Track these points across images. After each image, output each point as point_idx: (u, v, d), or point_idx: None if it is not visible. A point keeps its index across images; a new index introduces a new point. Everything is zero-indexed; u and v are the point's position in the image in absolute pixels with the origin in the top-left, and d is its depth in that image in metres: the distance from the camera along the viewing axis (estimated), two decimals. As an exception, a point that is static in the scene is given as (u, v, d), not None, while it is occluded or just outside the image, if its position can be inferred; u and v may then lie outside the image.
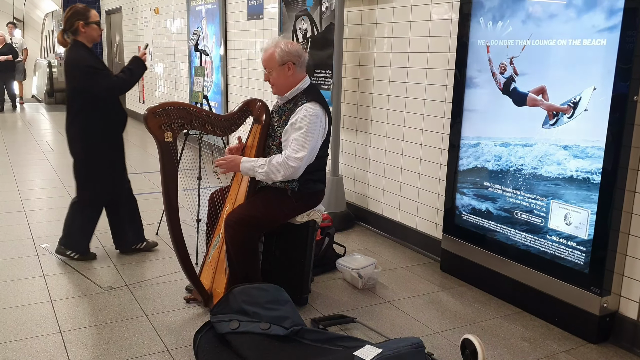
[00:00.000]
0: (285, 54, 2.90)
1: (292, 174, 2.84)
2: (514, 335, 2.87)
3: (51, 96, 13.69)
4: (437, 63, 3.73)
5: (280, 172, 2.81)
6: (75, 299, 3.16)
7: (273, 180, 2.88)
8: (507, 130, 3.13)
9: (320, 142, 2.91)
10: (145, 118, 2.71)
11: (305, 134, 2.82)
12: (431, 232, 3.93)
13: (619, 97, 2.56)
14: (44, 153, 7.38)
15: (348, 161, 4.74)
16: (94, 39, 3.50)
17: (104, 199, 3.70)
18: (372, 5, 4.29)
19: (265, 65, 2.95)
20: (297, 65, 2.94)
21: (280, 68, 2.91)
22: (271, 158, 2.84)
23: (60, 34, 3.51)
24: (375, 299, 3.26)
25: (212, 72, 7.45)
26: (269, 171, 2.82)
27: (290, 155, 2.81)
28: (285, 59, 2.90)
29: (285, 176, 2.83)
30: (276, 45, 2.92)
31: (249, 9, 6.27)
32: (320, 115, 2.88)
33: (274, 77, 2.95)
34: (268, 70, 2.95)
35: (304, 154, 2.81)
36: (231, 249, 2.87)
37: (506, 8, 3.06)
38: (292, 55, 2.92)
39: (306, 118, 2.83)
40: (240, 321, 2.59)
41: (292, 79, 2.95)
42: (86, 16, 3.43)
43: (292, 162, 2.80)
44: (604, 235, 2.69)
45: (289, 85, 2.96)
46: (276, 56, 2.90)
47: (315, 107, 2.87)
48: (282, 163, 2.80)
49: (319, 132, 2.88)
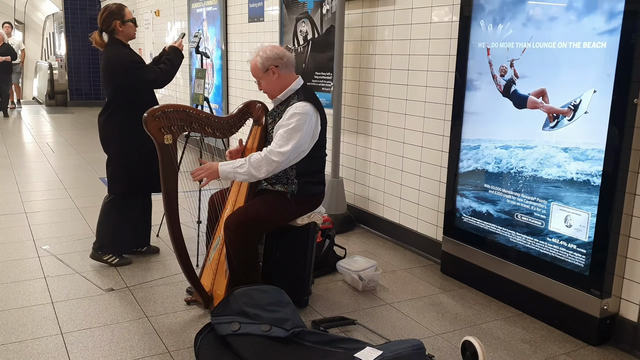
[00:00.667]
0: (265, 60, 2.94)
1: (275, 168, 2.81)
2: (514, 338, 2.87)
3: (52, 98, 13.71)
4: (437, 65, 3.74)
5: (263, 167, 2.79)
6: (76, 300, 3.16)
7: (257, 178, 2.84)
8: (508, 132, 3.14)
9: (308, 141, 2.87)
10: (145, 121, 2.71)
11: (291, 130, 2.81)
12: (431, 234, 3.93)
13: (619, 99, 2.57)
14: (45, 155, 7.39)
15: (348, 163, 4.75)
16: (130, 36, 3.57)
17: (140, 193, 3.66)
18: (373, 8, 4.30)
19: (254, 76, 3.01)
20: (280, 67, 2.94)
21: (265, 75, 2.95)
22: (250, 156, 2.82)
23: (96, 34, 3.54)
24: (376, 301, 3.26)
25: (212, 75, 7.46)
26: (250, 169, 2.79)
27: (272, 149, 2.79)
28: (267, 64, 2.93)
29: (267, 171, 2.80)
30: (257, 54, 2.97)
31: (250, 11, 6.28)
32: (310, 114, 2.86)
33: (263, 85, 3.00)
34: (257, 80, 3.01)
35: (287, 149, 2.78)
36: (231, 251, 2.87)
37: (507, 11, 3.07)
38: (272, 59, 2.94)
39: (295, 115, 2.83)
40: (241, 323, 2.59)
41: (280, 81, 2.96)
42: (121, 15, 3.50)
43: (275, 157, 2.78)
44: (604, 237, 2.70)
45: (279, 89, 2.98)
46: (258, 65, 2.95)
47: (305, 106, 2.86)
48: (264, 158, 2.78)
49: (307, 130, 2.85)
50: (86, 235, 4.20)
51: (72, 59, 13.31)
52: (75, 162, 6.95)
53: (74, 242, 4.07)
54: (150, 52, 10.10)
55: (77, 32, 13.18)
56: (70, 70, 13.37)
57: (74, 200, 5.19)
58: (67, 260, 3.72)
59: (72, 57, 13.29)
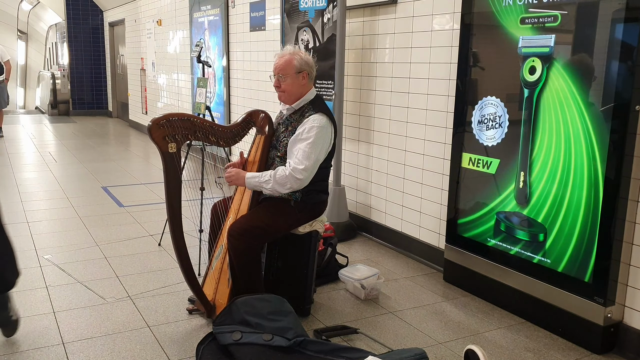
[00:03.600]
0: (304, 63, 2.95)
1: (299, 185, 2.85)
2: (517, 346, 2.86)
3: (54, 107, 13.77)
4: (438, 73, 3.75)
5: (287, 184, 2.83)
6: (78, 310, 3.15)
7: (280, 194, 2.91)
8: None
9: (324, 154, 2.93)
10: (150, 129, 2.72)
11: (311, 144, 2.84)
12: (434, 242, 3.92)
13: (621, 106, 2.57)
14: (47, 164, 7.41)
15: (350, 171, 4.75)
16: None
17: None
18: (374, 17, 4.31)
19: (281, 70, 2.95)
20: (309, 76, 2.98)
21: (295, 75, 2.94)
22: (275, 172, 2.85)
23: None
24: (378, 310, 3.25)
25: (214, 83, 7.48)
26: (275, 186, 2.84)
27: (296, 167, 2.82)
28: (303, 67, 2.95)
29: (292, 188, 2.86)
30: (295, 52, 2.97)
31: (251, 20, 6.31)
32: (327, 127, 2.90)
33: (287, 84, 2.95)
34: (282, 76, 2.95)
35: (309, 164, 2.83)
36: (234, 260, 2.87)
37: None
38: (309, 65, 2.98)
39: (314, 129, 2.85)
40: (242, 332, 2.58)
41: (302, 89, 2.98)
42: None
43: (298, 175, 2.82)
44: (608, 244, 2.69)
45: (299, 95, 2.98)
46: (295, 63, 2.93)
47: (322, 119, 2.89)
48: (289, 176, 2.82)
49: (324, 144, 2.90)
50: (88, 245, 4.21)
51: (74, 69, 13.38)
52: (77, 172, 6.96)
53: (75, 252, 4.07)
54: (152, 61, 10.15)
55: (79, 42, 13.27)
56: (72, 80, 13.44)
57: (76, 209, 5.20)
58: (69, 270, 3.71)
59: (74, 67, 13.36)
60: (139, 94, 11.15)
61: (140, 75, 11.00)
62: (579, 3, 2.72)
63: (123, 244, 4.25)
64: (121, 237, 4.43)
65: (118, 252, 4.08)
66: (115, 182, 6.42)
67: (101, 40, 13.49)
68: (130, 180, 6.64)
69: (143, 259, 3.94)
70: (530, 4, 2.93)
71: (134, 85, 11.58)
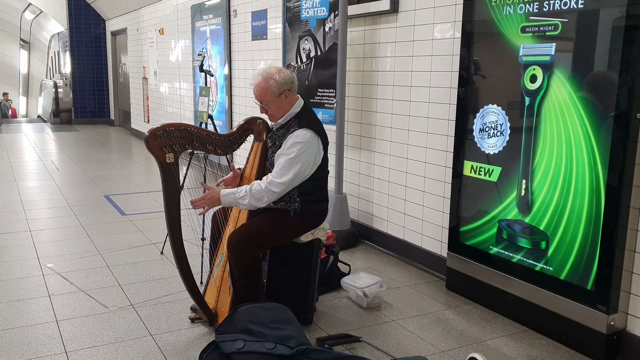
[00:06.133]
0: (281, 83, 2.87)
1: (275, 197, 2.84)
2: (520, 354, 2.85)
3: (56, 116, 13.83)
4: (440, 82, 3.76)
5: (264, 198, 2.81)
6: (81, 318, 3.15)
7: (257, 207, 2.88)
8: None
9: (309, 169, 2.89)
10: (147, 140, 2.71)
11: (292, 160, 2.81)
12: (436, 250, 3.92)
13: (622, 114, 2.58)
14: (49, 172, 7.42)
15: (352, 179, 4.75)
16: None
17: None
18: (375, 25, 4.33)
19: (261, 99, 2.91)
20: (292, 91, 2.94)
21: (277, 99, 2.90)
22: (251, 187, 2.82)
23: None
24: (381, 318, 3.24)
25: (216, 92, 7.51)
26: (251, 201, 2.81)
27: (273, 180, 2.80)
28: (282, 88, 2.88)
29: (269, 201, 2.83)
30: (269, 77, 2.86)
31: (253, 29, 6.34)
32: (311, 141, 2.86)
33: (272, 109, 2.93)
34: (265, 104, 2.92)
35: (287, 179, 2.80)
36: (234, 269, 2.87)
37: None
38: (288, 82, 2.90)
39: (295, 145, 2.82)
40: (245, 341, 2.58)
41: (289, 105, 2.95)
42: None
43: (275, 188, 2.79)
44: (610, 252, 2.69)
45: (284, 112, 2.96)
46: (272, 89, 2.87)
47: (306, 134, 2.85)
48: (265, 189, 2.79)
49: (308, 159, 2.85)
50: (90, 253, 4.21)
51: (76, 78, 13.44)
52: (79, 180, 6.98)
53: (78, 260, 4.07)
54: (154, 70, 10.19)
55: (81, 51, 13.33)
56: (74, 89, 13.49)
57: (79, 218, 5.21)
58: (72, 279, 3.72)
59: (76, 76, 13.42)
60: (141, 103, 11.19)
61: (142, 84, 11.05)
62: (580, 11, 2.73)
63: (125, 253, 4.26)
64: (123, 245, 4.43)
65: (120, 260, 4.09)
66: (118, 191, 6.43)
67: (103, 49, 13.55)
68: (132, 188, 6.65)
69: (145, 268, 3.94)
70: (530, 12, 2.95)
71: (136, 94, 11.62)
